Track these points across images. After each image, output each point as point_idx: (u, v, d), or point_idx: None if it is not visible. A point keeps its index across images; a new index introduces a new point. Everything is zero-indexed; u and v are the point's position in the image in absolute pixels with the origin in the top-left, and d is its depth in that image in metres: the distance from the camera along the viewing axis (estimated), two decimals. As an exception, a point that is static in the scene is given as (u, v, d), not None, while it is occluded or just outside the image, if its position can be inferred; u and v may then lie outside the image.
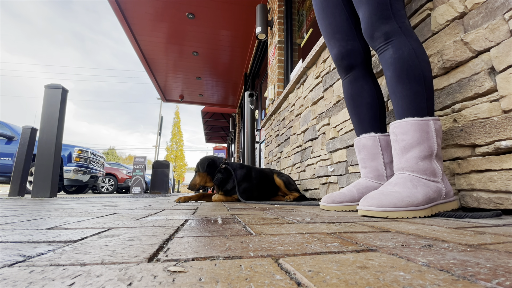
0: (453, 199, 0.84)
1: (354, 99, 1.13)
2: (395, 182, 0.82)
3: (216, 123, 12.70)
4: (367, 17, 0.94)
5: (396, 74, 0.87)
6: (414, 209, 0.76)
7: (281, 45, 3.57)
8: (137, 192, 6.95)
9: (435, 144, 0.81)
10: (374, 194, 0.81)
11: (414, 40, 0.87)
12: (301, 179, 2.30)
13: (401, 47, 0.87)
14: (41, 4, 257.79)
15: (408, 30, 0.89)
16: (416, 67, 0.84)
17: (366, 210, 0.80)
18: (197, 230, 0.54)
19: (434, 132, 0.81)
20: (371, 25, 0.93)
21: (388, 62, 0.90)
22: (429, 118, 0.82)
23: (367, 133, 1.09)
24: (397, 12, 0.90)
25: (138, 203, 1.65)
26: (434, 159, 0.82)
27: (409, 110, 0.84)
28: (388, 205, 0.77)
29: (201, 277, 0.25)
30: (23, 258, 0.32)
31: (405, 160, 0.84)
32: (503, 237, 0.44)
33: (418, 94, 0.83)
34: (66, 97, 2.99)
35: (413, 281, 0.23)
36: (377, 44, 0.94)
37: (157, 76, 7.47)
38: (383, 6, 0.90)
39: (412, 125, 0.82)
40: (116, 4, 4.61)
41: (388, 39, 0.89)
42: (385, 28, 0.90)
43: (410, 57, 0.85)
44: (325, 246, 0.38)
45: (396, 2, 0.90)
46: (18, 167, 3.21)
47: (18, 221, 0.70)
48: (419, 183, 0.80)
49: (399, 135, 0.86)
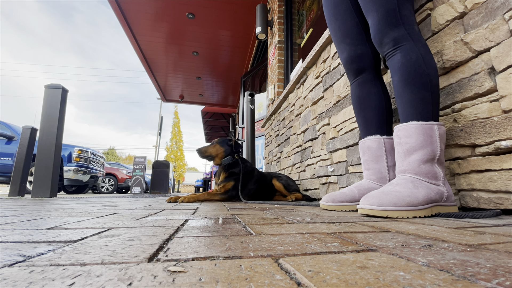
0: (454, 204, 0.84)
1: (362, 101, 1.13)
2: (396, 183, 0.83)
3: (216, 123, 12.70)
4: (376, 23, 0.94)
5: (403, 78, 0.88)
6: (414, 208, 0.76)
7: (281, 45, 3.57)
8: (137, 192, 6.95)
9: (438, 149, 0.82)
10: (375, 193, 0.81)
11: (422, 46, 0.87)
12: (301, 179, 2.30)
13: (409, 52, 0.87)
14: (44, 16, 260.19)
15: (417, 35, 0.89)
16: (423, 73, 0.85)
17: (366, 209, 0.80)
18: (197, 230, 0.54)
19: (438, 136, 0.82)
20: (379, 32, 0.94)
21: (395, 67, 0.90)
22: (434, 122, 0.83)
23: (372, 135, 1.09)
24: (406, 18, 0.90)
25: (138, 203, 1.65)
26: (436, 163, 0.83)
27: (414, 114, 0.85)
28: (389, 204, 0.76)
29: (201, 277, 0.25)
30: (23, 258, 0.32)
31: (408, 163, 0.84)
32: (503, 237, 0.44)
33: (424, 99, 0.84)
34: (66, 97, 2.99)
35: (413, 281, 0.23)
36: (385, 50, 0.94)
37: (157, 76, 7.47)
38: (391, 12, 0.91)
39: (417, 129, 0.83)
40: (116, 4, 4.61)
41: (397, 45, 0.90)
42: (393, 34, 0.90)
43: (418, 62, 0.85)
44: (325, 246, 0.38)
45: (404, 9, 0.90)
46: (18, 167, 3.21)
47: (18, 221, 0.70)
48: (421, 185, 0.81)
49: (403, 138, 0.86)
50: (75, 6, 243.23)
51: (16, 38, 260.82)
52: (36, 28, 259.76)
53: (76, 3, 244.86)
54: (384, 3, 0.93)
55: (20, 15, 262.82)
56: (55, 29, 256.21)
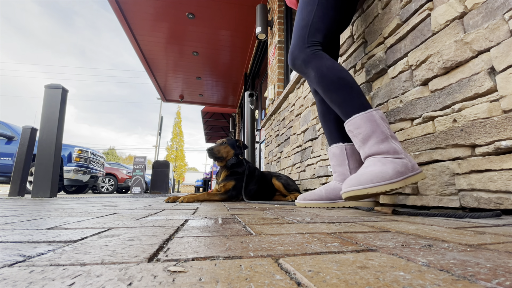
0: (420, 171, 0.91)
1: (324, 115, 1.30)
2: (367, 165, 0.93)
3: (216, 123, 12.69)
4: (291, 46, 1.17)
5: (327, 89, 1.04)
6: (388, 182, 0.85)
7: (281, 45, 3.57)
8: (137, 192, 6.95)
9: (385, 128, 0.93)
10: (352, 176, 0.92)
11: (327, 59, 1.06)
12: (301, 179, 2.30)
13: (319, 67, 1.05)
14: (45, 19, 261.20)
15: (320, 53, 1.08)
16: (338, 78, 1.01)
17: (348, 192, 0.89)
18: (197, 230, 0.54)
19: (380, 119, 0.94)
20: (291, 54, 1.15)
21: (314, 83, 1.08)
22: (371, 109, 0.95)
23: (336, 143, 1.25)
24: (312, 42, 1.10)
25: (138, 203, 1.65)
26: (391, 140, 0.93)
27: (353, 109, 0.98)
28: (366, 182, 0.86)
29: (201, 277, 0.25)
30: (23, 258, 0.32)
31: (368, 148, 0.95)
32: (503, 237, 0.44)
33: (351, 95, 0.99)
34: (66, 97, 2.99)
35: (413, 281, 0.23)
36: (299, 70, 1.14)
37: (157, 76, 7.46)
38: (301, 38, 1.12)
39: (361, 119, 0.95)
40: (116, 4, 4.61)
41: (307, 64, 1.09)
42: (302, 56, 1.10)
43: (329, 71, 1.03)
44: (325, 246, 0.38)
45: (313, 36, 1.11)
46: (18, 167, 3.21)
47: (18, 221, 0.70)
48: (387, 161, 0.90)
49: (354, 130, 0.98)
50: (76, 10, 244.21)
51: (17, 41, 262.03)
52: (37, 31, 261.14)
53: (76, 7, 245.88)
54: (297, 31, 1.15)
55: (21, 18, 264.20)
56: (55, 32, 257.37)
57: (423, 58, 0.99)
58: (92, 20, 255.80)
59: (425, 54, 0.98)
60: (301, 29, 1.14)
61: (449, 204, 0.88)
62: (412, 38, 1.06)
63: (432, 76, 0.96)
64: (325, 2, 1.13)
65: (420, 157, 0.99)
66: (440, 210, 0.93)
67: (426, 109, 0.98)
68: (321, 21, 1.13)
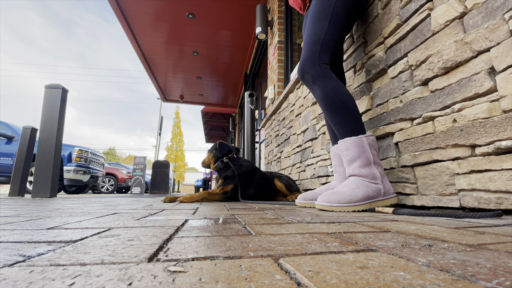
0: (392, 196, 1.04)
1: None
2: (344, 184, 1.05)
3: (216, 123, 12.69)
4: (301, 59, 1.21)
5: (327, 108, 1.12)
6: (353, 204, 0.98)
7: (281, 45, 3.57)
8: (137, 192, 6.95)
9: (370, 155, 1.05)
10: (327, 193, 1.03)
11: (334, 80, 1.12)
12: (301, 179, 2.30)
13: (325, 87, 1.12)
14: (46, 28, 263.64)
15: (329, 73, 1.14)
16: (340, 100, 1.09)
17: (319, 205, 1.03)
18: (197, 230, 0.54)
19: (368, 146, 1.05)
20: (301, 68, 1.20)
21: (319, 99, 1.15)
22: (362, 135, 1.06)
23: (338, 144, 1.27)
24: (323, 60, 1.15)
25: (138, 203, 1.65)
26: (373, 166, 1.05)
27: (347, 132, 1.08)
28: (334, 201, 0.99)
29: (201, 277, 0.25)
30: (23, 258, 0.32)
31: (352, 169, 1.08)
32: (503, 237, 0.44)
33: (347, 119, 1.08)
34: (66, 97, 2.99)
35: (413, 281, 0.23)
36: (306, 83, 1.20)
37: (157, 76, 7.46)
38: (312, 54, 1.17)
39: (352, 143, 1.06)
40: (116, 4, 4.61)
41: (315, 81, 1.15)
42: (312, 72, 1.16)
43: (333, 93, 1.10)
44: (325, 246, 0.38)
45: (324, 53, 1.16)
46: (18, 167, 3.21)
47: (18, 221, 0.70)
48: (362, 185, 1.02)
49: (344, 151, 1.10)
50: (76, 22, 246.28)
51: (20, 47, 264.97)
52: (39, 39, 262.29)
53: (77, 18, 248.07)
54: (309, 45, 1.18)
55: (24, 27, 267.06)
56: (57, 39, 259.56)
57: (423, 58, 0.99)
58: (92, 30, 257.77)
59: (425, 54, 0.98)
60: (313, 44, 1.18)
61: (449, 204, 0.88)
62: (412, 38, 1.06)
63: (432, 76, 0.96)
64: (337, 20, 1.18)
65: (420, 157, 0.99)
66: (440, 210, 0.93)
67: (426, 109, 0.98)
68: (332, 39, 1.18)
